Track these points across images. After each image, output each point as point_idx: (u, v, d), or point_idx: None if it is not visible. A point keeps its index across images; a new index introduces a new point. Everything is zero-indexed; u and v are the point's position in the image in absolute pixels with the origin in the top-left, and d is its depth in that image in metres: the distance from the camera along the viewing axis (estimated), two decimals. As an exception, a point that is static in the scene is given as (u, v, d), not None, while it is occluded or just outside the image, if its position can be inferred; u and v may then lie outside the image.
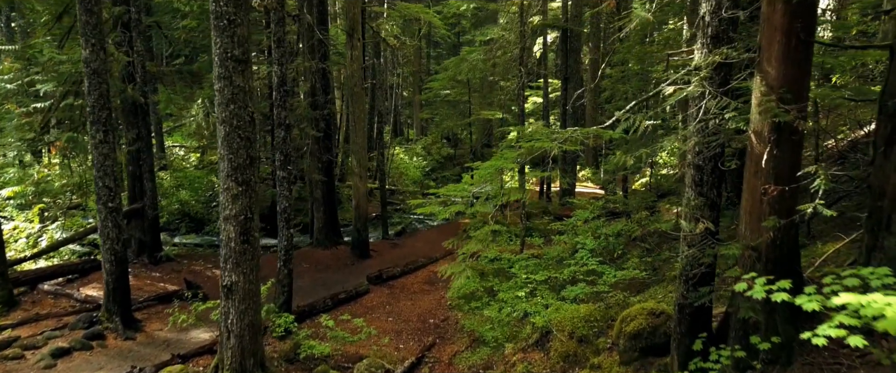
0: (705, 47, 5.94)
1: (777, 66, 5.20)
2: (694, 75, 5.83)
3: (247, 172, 7.41)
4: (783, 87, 5.15)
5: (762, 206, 5.42)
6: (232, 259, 7.56)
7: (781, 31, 5.14)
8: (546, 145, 5.13)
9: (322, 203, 15.19)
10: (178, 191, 20.78)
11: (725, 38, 5.85)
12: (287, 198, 9.70)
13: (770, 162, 5.28)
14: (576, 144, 5.41)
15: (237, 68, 7.16)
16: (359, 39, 14.36)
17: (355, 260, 14.79)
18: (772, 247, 5.34)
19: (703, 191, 6.06)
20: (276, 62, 9.40)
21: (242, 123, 7.27)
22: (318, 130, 14.44)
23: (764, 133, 5.32)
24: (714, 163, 5.98)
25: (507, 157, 5.53)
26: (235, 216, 7.43)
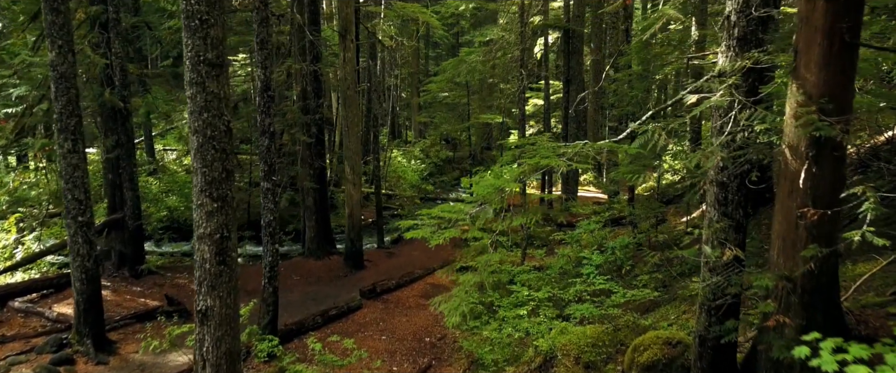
0: (731, 50, 5.30)
1: (817, 72, 4.55)
2: (718, 82, 5.19)
3: (223, 187, 6.76)
4: (824, 96, 4.50)
5: (798, 231, 4.78)
6: (207, 282, 6.90)
7: (823, 32, 4.49)
8: (553, 163, 4.49)
9: (314, 211, 14.54)
10: (167, 197, 20.15)
11: (754, 39, 5.20)
12: (272, 211, 9.05)
13: (808, 181, 4.63)
14: (586, 160, 4.77)
15: (211, 73, 6.51)
16: (352, 40, 13.72)
17: (348, 271, 14.15)
18: (809, 277, 4.70)
19: (727, 211, 5.42)
20: (259, 65, 8.75)
21: (217, 134, 6.62)
22: (309, 135, 13.79)
23: (800, 148, 4.68)
24: (740, 180, 5.34)
25: (508, 175, 4.89)
26: (210, 235, 6.77)
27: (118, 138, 11.67)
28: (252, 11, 8.69)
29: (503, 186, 4.65)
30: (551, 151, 4.95)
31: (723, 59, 5.35)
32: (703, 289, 5.47)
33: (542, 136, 5.50)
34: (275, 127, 8.95)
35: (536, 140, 5.41)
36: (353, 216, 14.17)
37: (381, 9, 19.16)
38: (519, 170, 4.76)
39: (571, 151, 4.80)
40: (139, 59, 20.69)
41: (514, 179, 4.77)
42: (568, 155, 4.76)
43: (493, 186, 4.66)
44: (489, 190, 4.74)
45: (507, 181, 4.72)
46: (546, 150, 5.02)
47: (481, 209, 5.00)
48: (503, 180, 4.67)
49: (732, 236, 5.42)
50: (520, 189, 21.30)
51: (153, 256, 15.63)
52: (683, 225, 13.26)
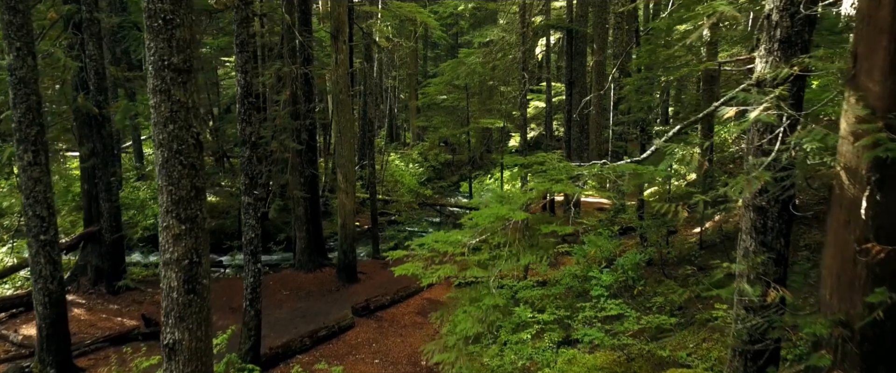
0: (772, 55, 4.57)
1: (881, 82, 3.82)
2: (757, 92, 4.46)
3: (191, 207, 6.04)
4: (891, 109, 3.78)
5: (857, 268, 4.05)
6: (175, 312, 6.16)
7: (889, 33, 3.77)
8: (568, 190, 3.77)
9: (305, 221, 13.81)
10: (154, 203, 19.40)
11: (799, 42, 4.47)
12: (254, 227, 8.32)
13: (870, 210, 3.90)
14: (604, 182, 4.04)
15: (177, 80, 5.78)
16: (345, 42, 12.99)
17: (341, 285, 13.40)
18: (872, 325, 3.97)
19: (766, 240, 4.69)
20: (238, 69, 8.02)
21: (185, 147, 5.89)
22: (299, 141, 13.05)
23: (860, 171, 3.95)
24: (783, 205, 4.61)
25: (514, 200, 4.17)
26: (178, 261, 6.03)
27: (94, 146, 10.93)
28: (232, 11, 7.96)
29: (508, 216, 3.93)
30: (563, 171, 4.23)
31: (762, 64, 4.62)
32: (736, 330, 4.74)
33: (552, 154, 4.77)
34: (256, 136, 8.22)
35: (545, 158, 4.69)
36: (346, 227, 13.44)
37: (376, 9, 18.43)
38: (526, 196, 4.04)
39: (587, 173, 4.08)
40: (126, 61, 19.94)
41: (521, 206, 4.05)
42: (584, 178, 4.05)
43: (496, 215, 3.94)
44: (492, 219, 4.02)
45: (513, 209, 3.99)
46: (557, 170, 4.30)
47: (481, 239, 4.29)
48: (507, 208, 3.95)
49: (772, 270, 4.69)
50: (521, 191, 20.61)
51: (137, 268, 14.89)
52: (696, 237, 12.53)
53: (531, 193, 3.95)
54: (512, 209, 4.02)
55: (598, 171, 4.06)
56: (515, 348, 8.06)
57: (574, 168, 4.24)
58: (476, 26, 28.08)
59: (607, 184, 20.81)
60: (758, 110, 4.10)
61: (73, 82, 10.90)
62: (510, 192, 4.93)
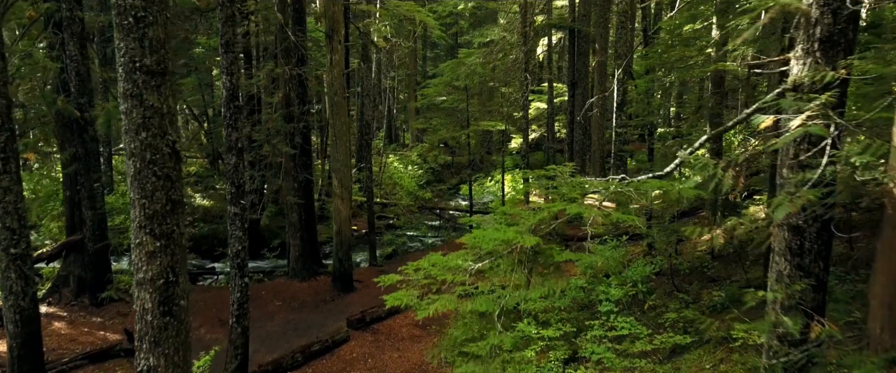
0: (811, 56, 4.06)
1: (945, 87, 3.34)
2: (795, 98, 3.96)
3: (167, 222, 5.54)
4: (958, 119, 3.29)
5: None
6: (149, 336, 5.66)
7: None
8: (584, 212, 3.27)
9: (299, 228, 13.30)
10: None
11: (843, 42, 3.98)
12: (240, 239, 7.81)
13: (930, 235, 3.42)
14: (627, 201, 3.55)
15: (150, 83, 5.28)
16: (340, 42, 12.49)
17: (336, 294, 12.90)
18: (932, 366, 3.47)
19: (803, 264, 4.18)
20: (224, 71, 7.52)
21: (159, 157, 5.39)
22: (292, 145, 12.55)
23: (919, 189, 3.47)
24: (822, 224, 4.11)
25: (522, 221, 3.67)
26: (152, 280, 5.53)
27: (76, 151, 10.42)
28: (216, 8, 7.45)
29: (514, 240, 3.43)
30: (577, 188, 3.73)
31: (799, 66, 4.11)
32: (769, 365, 4.24)
33: (564, 167, 4.26)
34: (245, 141, 7.71)
35: (556, 172, 4.19)
36: (341, 233, 12.93)
37: (374, 8, 17.92)
38: (534, 217, 3.54)
39: (604, 190, 3.58)
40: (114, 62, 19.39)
41: (529, 228, 3.55)
42: (601, 198, 3.54)
43: (501, 239, 3.44)
44: (496, 243, 3.53)
45: (520, 232, 3.50)
46: (569, 186, 3.80)
47: (484, 263, 3.79)
48: (514, 232, 3.45)
49: (810, 297, 4.19)
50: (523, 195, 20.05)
51: (126, 276, 14.38)
52: (706, 244, 12.04)
53: (541, 214, 3.44)
54: (519, 232, 3.52)
55: (617, 187, 3.56)
56: (519, 367, 7.56)
57: (589, 183, 3.74)
58: (476, 26, 27.58)
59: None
60: (798, 119, 3.60)
61: (54, 84, 10.39)
62: (517, 213, 4.33)
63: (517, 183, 26.79)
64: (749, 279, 8.83)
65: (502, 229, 3.61)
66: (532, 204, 4.84)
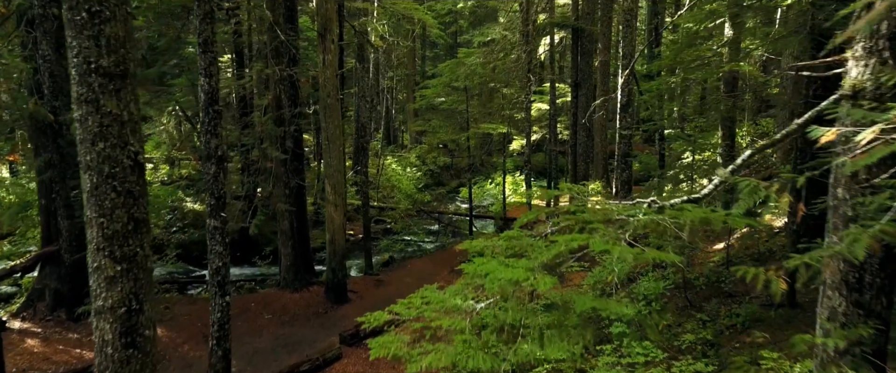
0: (874, 56, 3.45)
1: None
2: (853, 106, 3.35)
3: (130, 243, 4.93)
4: None
5: None
6: (110, 372, 5.06)
7: None
8: (612, 250, 2.65)
9: (290, 236, 12.68)
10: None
11: (915, 39, 3.36)
12: (220, 255, 7.19)
13: None
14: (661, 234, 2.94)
15: (107, 87, 4.66)
16: (333, 41, 11.86)
17: (329, 306, 12.28)
18: None
19: (862, 299, 3.56)
20: (202, 73, 6.90)
21: (120, 170, 4.77)
22: (284, 149, 11.93)
23: None
24: (885, 253, 3.49)
25: (535, 253, 3.05)
26: (112, 309, 4.91)
27: (51, 157, 9.80)
28: (194, 3, 6.83)
29: (526, 281, 2.81)
30: (599, 215, 3.11)
31: (859, 68, 3.50)
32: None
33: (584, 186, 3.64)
34: (224, 149, 7.09)
35: (572, 190, 3.57)
36: (334, 243, 12.31)
37: (370, 6, 17.29)
38: (552, 251, 2.92)
39: (635, 220, 2.96)
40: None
41: (544, 264, 2.94)
42: (631, 228, 2.92)
43: (508, 279, 2.83)
44: (502, 283, 2.92)
45: (532, 268, 2.88)
46: (591, 213, 3.17)
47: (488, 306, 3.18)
48: (525, 269, 2.84)
49: (870, 340, 3.58)
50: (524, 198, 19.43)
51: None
52: (720, 254, 11.43)
53: (557, 247, 2.82)
54: (530, 269, 2.90)
55: (649, 216, 2.94)
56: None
57: (613, 209, 3.12)
58: (476, 25, 26.97)
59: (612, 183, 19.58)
60: (869, 132, 2.97)
61: (28, 86, 9.77)
62: (527, 245, 3.70)
63: (519, 186, 26.19)
64: (771, 296, 8.20)
65: (510, 266, 2.99)
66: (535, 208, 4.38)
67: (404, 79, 32.10)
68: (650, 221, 2.87)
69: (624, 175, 19.30)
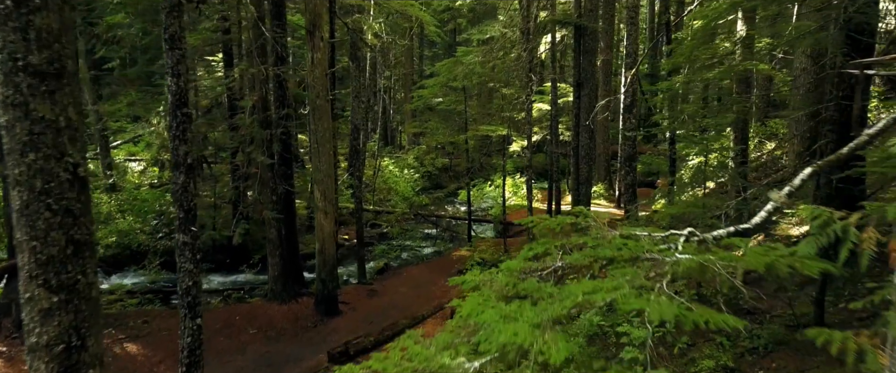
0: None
1: None
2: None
3: (69, 269, 4.24)
4: None
5: None
6: (48, 418, 4.38)
7: None
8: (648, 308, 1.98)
9: (278, 245, 12.00)
10: (123, 217, 17.60)
11: None
12: (191, 273, 6.51)
13: None
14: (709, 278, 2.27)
15: (39, 88, 3.97)
16: (322, 38, 11.17)
17: (318, 320, 11.60)
18: None
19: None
20: (168, 71, 6.22)
21: (55, 186, 4.09)
22: (270, 154, 11.25)
23: None
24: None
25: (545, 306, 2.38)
26: (48, 346, 4.22)
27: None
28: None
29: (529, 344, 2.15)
30: (627, 254, 2.43)
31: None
32: None
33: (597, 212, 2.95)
34: (194, 157, 6.41)
35: (585, 216, 2.89)
36: (324, 252, 11.63)
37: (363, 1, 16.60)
38: (565, 304, 2.25)
39: (673, 260, 2.28)
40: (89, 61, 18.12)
41: (555, 319, 2.26)
42: (668, 271, 2.25)
43: (511, 340, 2.16)
44: (504, 344, 2.25)
45: (541, 328, 2.21)
46: (611, 246, 2.49)
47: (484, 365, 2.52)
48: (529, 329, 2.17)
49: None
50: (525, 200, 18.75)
51: (91, 295, 13.12)
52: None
53: (573, 298, 2.14)
54: (539, 326, 2.23)
55: (689, 255, 2.26)
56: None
57: (643, 244, 2.44)
58: (474, 22, 26.28)
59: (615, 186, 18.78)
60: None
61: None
62: (533, 288, 3.10)
63: (519, 188, 25.49)
64: (796, 315, 7.54)
65: (511, 319, 2.31)
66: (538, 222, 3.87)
67: (402, 78, 31.43)
68: (692, 264, 2.19)
69: (628, 178, 18.61)
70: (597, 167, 23.68)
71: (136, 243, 16.18)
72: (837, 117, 6.87)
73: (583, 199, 18.46)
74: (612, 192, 24.56)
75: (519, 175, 26.70)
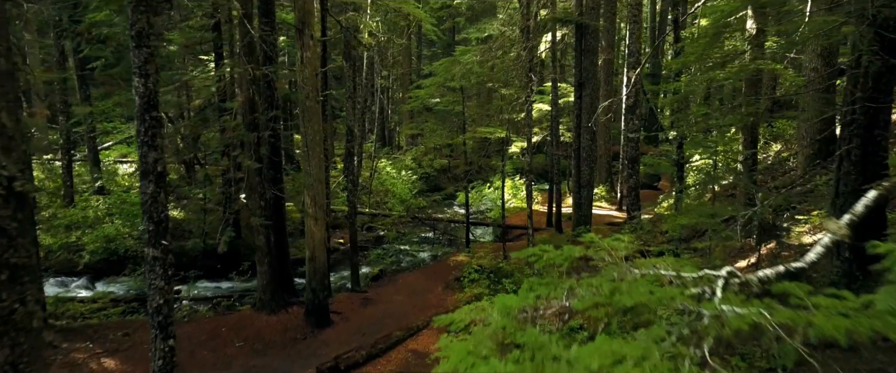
0: None
1: None
2: None
3: (3, 298, 3.73)
4: None
5: None
6: None
7: None
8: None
9: (267, 252, 11.48)
10: (112, 221, 17.07)
11: None
12: (162, 291, 5.99)
13: None
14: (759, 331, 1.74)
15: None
16: (313, 37, 10.66)
17: (309, 331, 11.09)
18: None
19: None
20: (135, 71, 5.69)
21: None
22: (257, 157, 10.73)
23: None
24: None
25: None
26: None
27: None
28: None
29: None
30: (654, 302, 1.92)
31: None
32: None
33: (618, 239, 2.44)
34: (164, 165, 5.88)
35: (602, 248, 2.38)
36: (315, 260, 11.12)
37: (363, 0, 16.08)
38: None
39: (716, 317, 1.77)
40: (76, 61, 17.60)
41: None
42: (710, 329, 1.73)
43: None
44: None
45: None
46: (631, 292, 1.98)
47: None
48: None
49: None
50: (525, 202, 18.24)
51: (75, 304, 12.61)
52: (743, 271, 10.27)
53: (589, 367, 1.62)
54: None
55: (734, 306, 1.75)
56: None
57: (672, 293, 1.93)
58: (473, 21, 25.75)
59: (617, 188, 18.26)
60: None
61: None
62: (535, 343, 2.65)
63: (518, 190, 24.95)
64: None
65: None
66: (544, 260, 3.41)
67: (400, 78, 30.93)
68: (742, 323, 1.68)
69: (631, 180, 18.10)
70: (598, 168, 23.14)
71: (122, 249, 15.66)
72: (862, 120, 6.35)
73: (584, 202, 17.95)
74: (613, 194, 24.04)
75: (518, 177, 26.18)
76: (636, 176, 17.98)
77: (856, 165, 6.24)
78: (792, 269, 2.07)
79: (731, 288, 1.99)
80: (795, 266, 2.09)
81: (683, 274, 2.05)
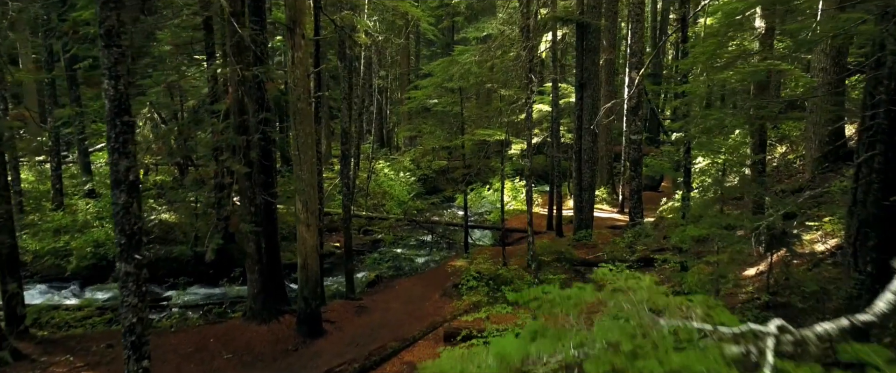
0: None
1: None
2: None
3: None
4: None
5: None
6: None
7: None
8: None
9: (258, 260, 11.07)
10: (101, 225, 16.66)
11: None
12: (135, 308, 5.59)
13: None
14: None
15: None
16: (304, 36, 10.24)
17: (301, 342, 10.68)
18: None
19: None
20: (105, 73, 5.28)
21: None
22: (247, 161, 10.32)
23: None
24: None
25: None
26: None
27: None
28: None
29: None
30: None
31: None
32: None
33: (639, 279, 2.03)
34: (137, 173, 5.47)
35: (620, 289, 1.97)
36: (307, 268, 10.71)
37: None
38: None
39: None
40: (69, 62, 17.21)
41: None
42: None
43: None
44: None
45: None
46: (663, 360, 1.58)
47: None
48: None
49: None
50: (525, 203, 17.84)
51: (59, 312, 12.22)
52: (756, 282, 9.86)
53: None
54: None
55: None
56: None
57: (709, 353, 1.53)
58: (472, 20, 25.33)
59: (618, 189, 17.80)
60: None
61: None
62: None
63: (518, 192, 24.53)
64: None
65: None
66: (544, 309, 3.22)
67: (399, 78, 30.53)
68: None
69: (634, 183, 17.69)
70: (599, 170, 22.72)
71: (112, 254, 15.23)
72: (885, 125, 5.93)
73: (585, 205, 17.54)
74: (614, 196, 23.62)
75: (518, 178, 25.77)
76: (639, 178, 17.57)
77: (879, 174, 5.82)
78: (858, 323, 1.68)
79: (784, 347, 1.59)
80: (863, 320, 1.69)
81: (722, 329, 1.65)
